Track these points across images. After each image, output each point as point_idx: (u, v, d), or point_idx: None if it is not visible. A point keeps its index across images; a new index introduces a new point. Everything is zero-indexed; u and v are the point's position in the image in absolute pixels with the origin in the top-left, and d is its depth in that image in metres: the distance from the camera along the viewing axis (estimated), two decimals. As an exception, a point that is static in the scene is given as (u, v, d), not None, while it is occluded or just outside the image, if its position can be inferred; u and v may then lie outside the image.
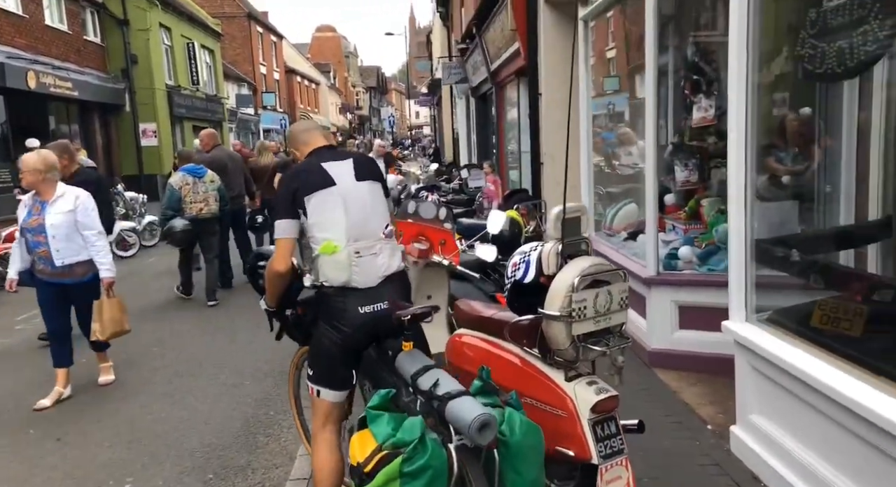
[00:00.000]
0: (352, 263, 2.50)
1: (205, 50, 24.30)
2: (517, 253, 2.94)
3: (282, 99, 39.05)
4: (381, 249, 2.58)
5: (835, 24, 2.29)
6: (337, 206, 2.50)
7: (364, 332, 2.53)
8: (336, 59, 61.93)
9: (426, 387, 2.19)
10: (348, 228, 2.50)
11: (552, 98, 7.38)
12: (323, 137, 2.73)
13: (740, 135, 3.09)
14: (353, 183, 2.57)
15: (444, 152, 21.63)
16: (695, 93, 4.89)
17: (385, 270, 2.58)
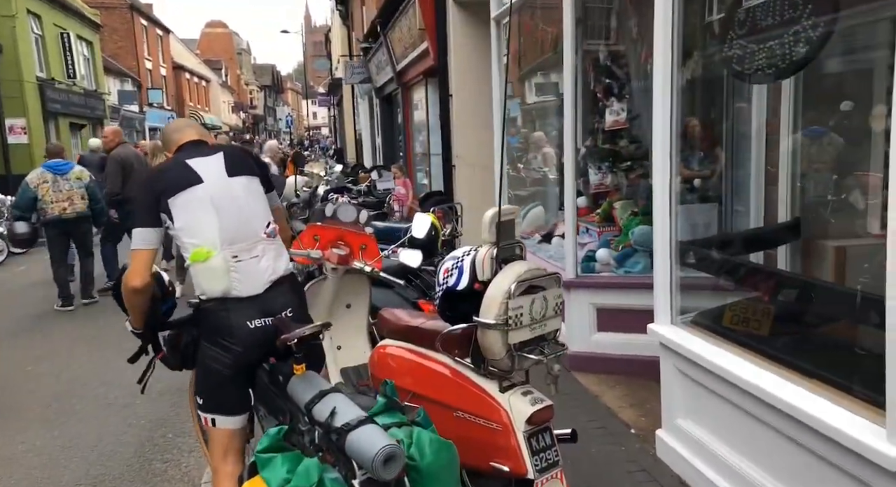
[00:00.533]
0: (230, 269, 2.22)
1: (82, 41, 22.50)
2: (449, 259, 2.77)
3: (170, 96, 37.03)
4: (264, 251, 2.31)
5: (765, 24, 2.30)
6: (206, 206, 2.21)
7: (256, 348, 2.23)
8: (228, 55, 59.58)
9: (323, 418, 1.95)
10: (221, 230, 2.22)
11: (463, 99, 7.30)
12: (196, 132, 2.46)
13: (665, 137, 3.08)
14: (224, 179, 2.28)
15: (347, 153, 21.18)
16: (607, 97, 4.93)
17: (271, 274, 2.30)
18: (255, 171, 2.42)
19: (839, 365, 2.45)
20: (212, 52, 56.54)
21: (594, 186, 5.06)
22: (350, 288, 3.40)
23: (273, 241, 2.36)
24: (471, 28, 7.07)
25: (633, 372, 4.18)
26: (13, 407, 4.31)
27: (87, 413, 4.16)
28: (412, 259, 3.32)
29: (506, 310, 2.41)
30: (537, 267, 2.58)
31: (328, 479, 1.79)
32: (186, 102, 40.51)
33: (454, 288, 2.65)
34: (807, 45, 2.09)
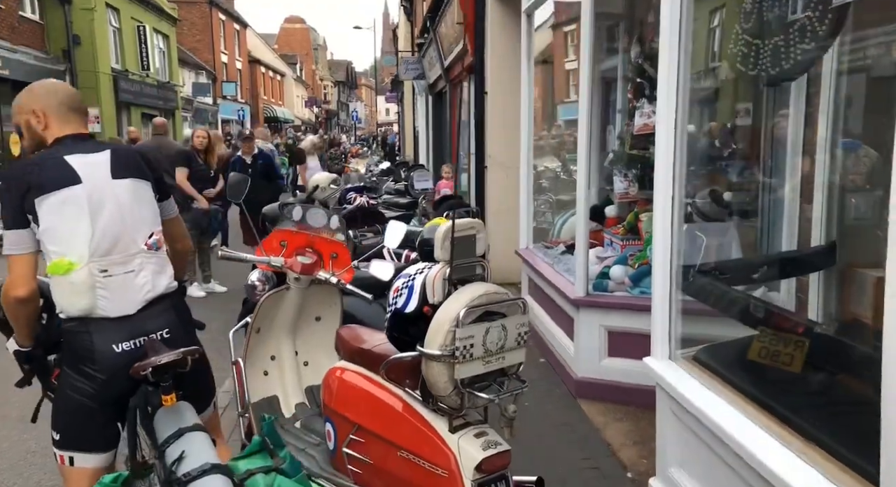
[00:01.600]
0: (95, 285, 1.95)
1: (158, 34, 23.31)
2: (401, 276, 2.48)
3: (244, 89, 38.02)
4: (142, 265, 2.05)
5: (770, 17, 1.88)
6: (79, 211, 1.94)
7: (124, 377, 1.92)
8: (304, 51, 60.83)
9: (169, 462, 1.72)
10: (93, 239, 1.95)
11: (498, 97, 6.95)
12: (81, 123, 2.12)
13: (668, 142, 2.67)
14: (108, 181, 2.01)
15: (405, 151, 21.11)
16: (638, 98, 4.50)
17: (148, 292, 2.05)
18: (147, 175, 2.14)
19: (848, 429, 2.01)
20: (289, 47, 57.87)
21: (619, 195, 4.65)
22: (319, 299, 3.15)
23: (155, 254, 2.10)
24: (509, 22, 6.70)
25: (644, 404, 3.73)
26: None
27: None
28: (383, 271, 3.04)
29: (453, 340, 2.11)
30: (498, 290, 2.26)
31: None
32: (260, 95, 41.55)
33: (402, 310, 2.36)
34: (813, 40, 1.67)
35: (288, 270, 2.98)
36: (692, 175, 4.07)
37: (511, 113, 6.93)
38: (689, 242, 3.34)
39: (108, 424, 2.00)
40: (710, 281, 2.63)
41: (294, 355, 3.15)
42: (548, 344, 4.73)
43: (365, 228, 5.96)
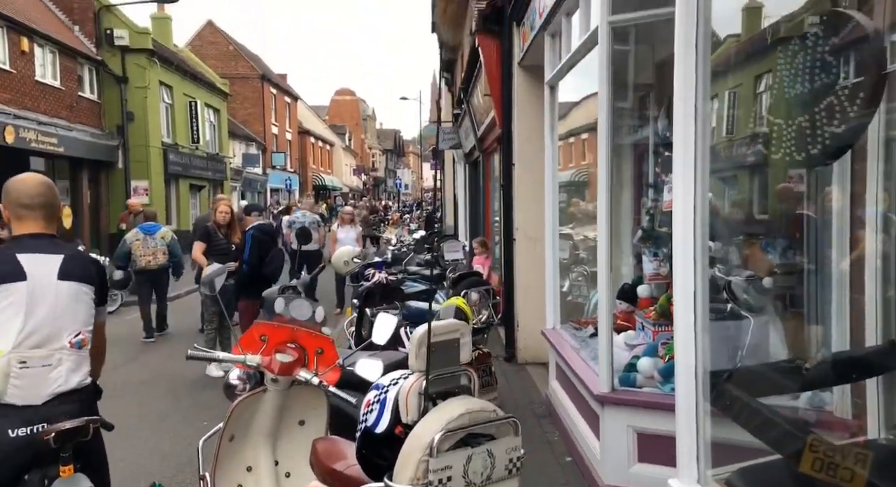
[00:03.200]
0: (10, 374, 2.12)
1: (209, 108, 24.31)
2: (375, 386, 2.16)
3: (293, 159, 39.18)
4: (61, 361, 2.23)
5: (793, 94, 1.57)
6: (17, 305, 2.15)
7: (16, 463, 2.08)
8: (354, 121, 62.77)
9: None
10: (22, 332, 2.15)
11: (526, 168, 6.72)
12: (42, 220, 2.32)
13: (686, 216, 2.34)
14: (52, 281, 2.23)
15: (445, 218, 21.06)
16: (666, 172, 4.17)
17: (59, 386, 2.21)
18: (93, 280, 2.35)
19: None
20: (339, 118, 59.84)
21: (649, 276, 4.26)
22: (303, 400, 2.84)
23: (76, 352, 2.27)
24: (535, 94, 6.54)
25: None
26: None
27: None
28: (371, 371, 2.71)
29: (426, 472, 1.77)
30: (485, 406, 1.92)
31: None
32: (309, 165, 42.72)
33: (372, 429, 2.03)
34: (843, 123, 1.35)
35: (265, 370, 2.70)
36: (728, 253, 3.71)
37: (537, 184, 6.68)
38: (721, 337, 2.93)
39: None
40: (744, 394, 2.21)
41: (273, 465, 2.82)
42: (574, 440, 4.27)
43: (384, 306, 5.69)
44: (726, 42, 3.12)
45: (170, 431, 5.22)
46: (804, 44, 1.62)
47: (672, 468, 3.36)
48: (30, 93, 14.42)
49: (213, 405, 5.72)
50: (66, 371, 2.22)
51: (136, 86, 18.15)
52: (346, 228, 10.21)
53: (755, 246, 3.73)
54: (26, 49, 14.28)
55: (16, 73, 13.94)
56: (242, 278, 6.20)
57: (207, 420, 5.41)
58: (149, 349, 8.10)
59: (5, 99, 13.47)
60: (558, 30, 5.00)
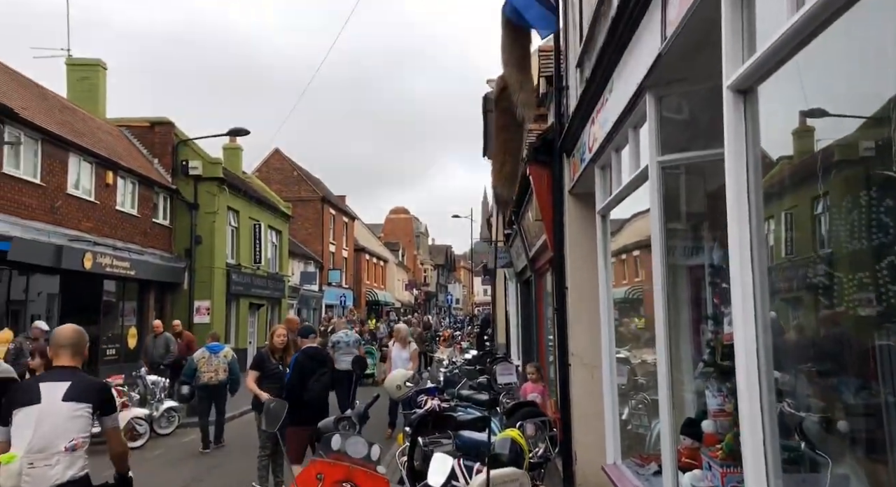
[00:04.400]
0: (23, 472, 3.01)
1: (272, 230, 25.46)
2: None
3: (348, 275, 40.09)
4: (58, 461, 3.10)
5: (850, 251, 1.58)
6: (29, 423, 3.10)
7: None
8: (407, 238, 64.42)
9: None
10: (31, 442, 3.07)
11: (579, 293, 6.70)
12: (68, 356, 3.35)
13: (750, 366, 2.27)
14: (57, 402, 3.15)
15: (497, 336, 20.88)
16: (725, 304, 4.10)
17: (57, 480, 3.07)
18: (93, 399, 3.26)
19: None
20: (393, 235, 61.58)
21: (714, 412, 4.06)
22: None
23: (69, 454, 3.12)
24: (586, 221, 6.66)
25: None
26: None
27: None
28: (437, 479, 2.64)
29: None
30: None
31: None
32: (363, 280, 43.58)
33: None
34: None
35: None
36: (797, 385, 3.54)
37: (592, 308, 6.63)
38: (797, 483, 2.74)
39: None
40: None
41: None
42: None
43: (436, 434, 5.57)
44: (779, 163, 3.16)
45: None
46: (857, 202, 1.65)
47: None
48: (109, 222, 15.50)
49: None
50: (62, 468, 3.09)
51: (205, 212, 19.28)
52: (398, 347, 10.10)
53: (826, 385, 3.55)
54: (110, 182, 15.53)
55: (99, 203, 15.09)
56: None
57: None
58: (204, 475, 8.04)
59: (87, 227, 14.50)
60: (608, 163, 5.17)
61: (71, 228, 13.86)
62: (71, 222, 13.96)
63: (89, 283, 14.63)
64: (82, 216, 14.45)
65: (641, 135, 4.32)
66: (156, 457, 9.14)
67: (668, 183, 3.98)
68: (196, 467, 8.47)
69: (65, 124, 14.79)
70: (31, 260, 12.23)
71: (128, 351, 16.21)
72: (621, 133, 4.65)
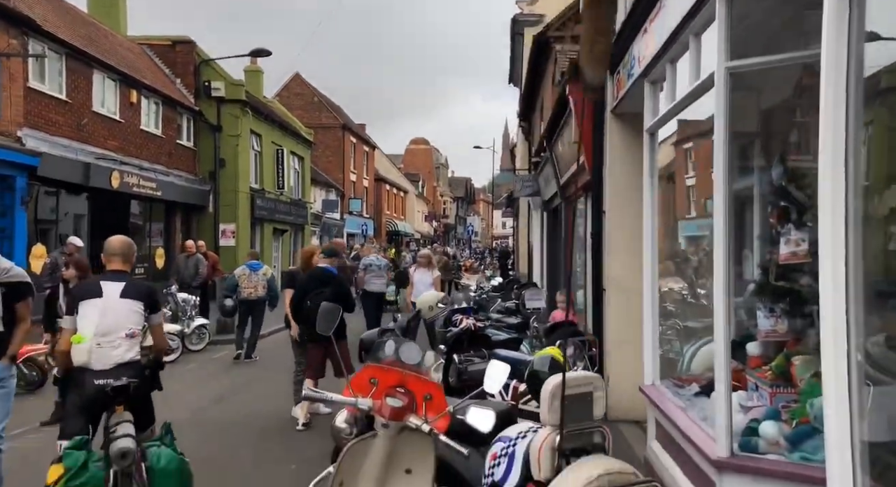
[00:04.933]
0: (91, 351, 3.70)
1: (294, 156, 25.30)
2: (500, 439, 2.05)
3: (369, 205, 40.09)
4: (120, 344, 3.76)
5: None
6: (95, 311, 3.76)
7: (95, 403, 3.68)
8: (427, 169, 63.98)
9: (111, 433, 3.40)
10: (97, 326, 3.73)
11: (618, 216, 6.56)
12: (119, 263, 4.00)
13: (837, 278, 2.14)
14: (116, 298, 3.83)
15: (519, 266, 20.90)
16: (782, 224, 3.95)
17: (119, 359, 3.74)
18: (143, 298, 3.95)
19: None
20: (413, 166, 61.14)
21: (764, 333, 3.98)
22: (410, 448, 2.74)
23: (128, 340, 3.79)
24: (629, 141, 6.43)
25: None
26: None
27: None
28: (483, 421, 2.60)
29: (565, 539, 1.63)
30: (623, 467, 1.78)
31: (92, 464, 3.22)
32: (384, 211, 43.61)
33: (501, 484, 1.92)
34: None
35: (376, 414, 2.63)
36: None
37: (631, 232, 6.49)
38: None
39: (83, 424, 3.69)
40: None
41: (380, 518, 2.72)
42: (682, 507, 3.98)
43: (471, 353, 5.58)
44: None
45: (261, 475, 5.20)
46: None
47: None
48: (134, 141, 15.41)
49: (302, 448, 5.71)
50: (122, 351, 3.75)
51: (228, 135, 19.12)
52: (422, 271, 10.10)
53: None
54: (134, 100, 15.35)
55: (124, 122, 14.96)
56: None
57: (296, 464, 5.39)
58: (238, 389, 8.24)
59: (113, 146, 14.44)
60: (661, 77, 4.91)
61: (97, 146, 13.80)
62: (97, 140, 13.89)
63: (116, 203, 14.70)
64: (108, 134, 14.36)
65: (704, 41, 4.05)
66: (189, 371, 9.36)
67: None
68: (231, 380, 8.68)
69: (88, 39, 14.49)
70: (59, 176, 12.22)
71: (155, 270, 16.45)
72: (679, 41, 4.38)
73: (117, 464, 3.14)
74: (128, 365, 3.72)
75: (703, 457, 3.45)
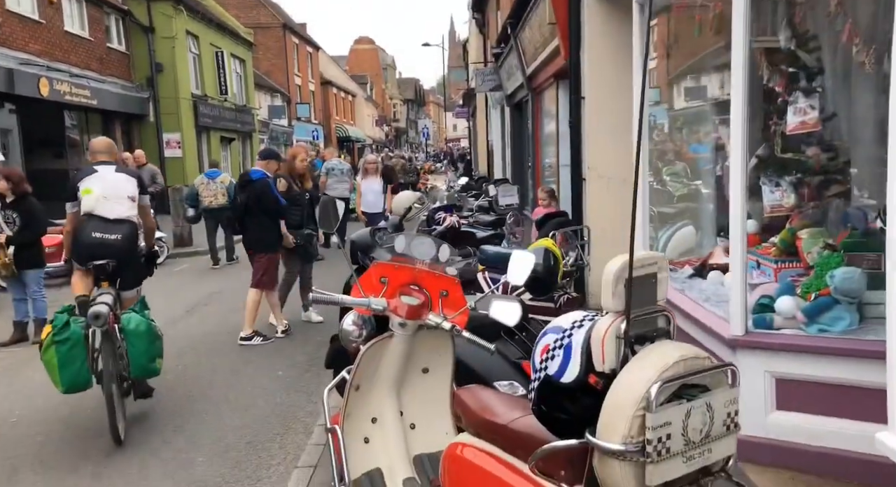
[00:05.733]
0: (99, 201, 4.16)
1: (235, 59, 23.78)
2: (551, 330, 1.84)
3: (317, 110, 38.62)
4: (123, 203, 4.23)
5: None
6: (97, 180, 4.24)
7: (93, 251, 4.12)
8: (374, 71, 61.60)
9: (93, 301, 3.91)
10: (104, 188, 4.20)
11: (597, 101, 6.27)
12: (107, 155, 4.46)
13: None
14: (112, 173, 4.32)
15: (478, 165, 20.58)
16: (790, 91, 3.73)
17: (122, 214, 4.20)
18: (135, 176, 4.48)
19: None
20: (359, 68, 58.73)
21: (770, 208, 3.86)
22: (427, 347, 2.55)
23: (129, 201, 4.28)
24: (608, 19, 6.03)
25: (828, 470, 2.98)
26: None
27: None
28: (508, 314, 2.41)
29: (641, 429, 1.47)
30: (697, 352, 1.61)
31: (74, 323, 3.82)
32: (332, 116, 42.12)
33: (557, 378, 1.72)
34: None
35: (391, 314, 2.41)
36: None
37: (613, 118, 6.23)
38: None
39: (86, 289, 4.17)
40: None
41: (399, 416, 2.56)
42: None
43: (456, 250, 5.39)
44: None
45: (246, 383, 5.04)
46: None
47: (814, 416, 3.09)
48: (60, 45, 14.07)
49: (287, 355, 5.54)
50: (125, 208, 4.23)
51: (162, 37, 17.70)
52: (370, 179, 9.31)
53: None
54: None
55: (45, 23, 13.56)
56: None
57: (282, 370, 5.24)
58: (209, 300, 7.94)
59: (37, 50, 13.14)
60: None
61: (19, 50, 12.52)
62: (17, 43, 12.58)
63: (48, 115, 13.59)
64: (29, 37, 13.01)
65: None
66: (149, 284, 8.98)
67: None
68: (198, 293, 8.37)
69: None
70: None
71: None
72: None
73: (93, 324, 3.73)
74: (125, 223, 4.19)
75: (715, 337, 3.38)
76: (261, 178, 5.86)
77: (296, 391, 4.80)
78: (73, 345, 3.74)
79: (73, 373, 3.75)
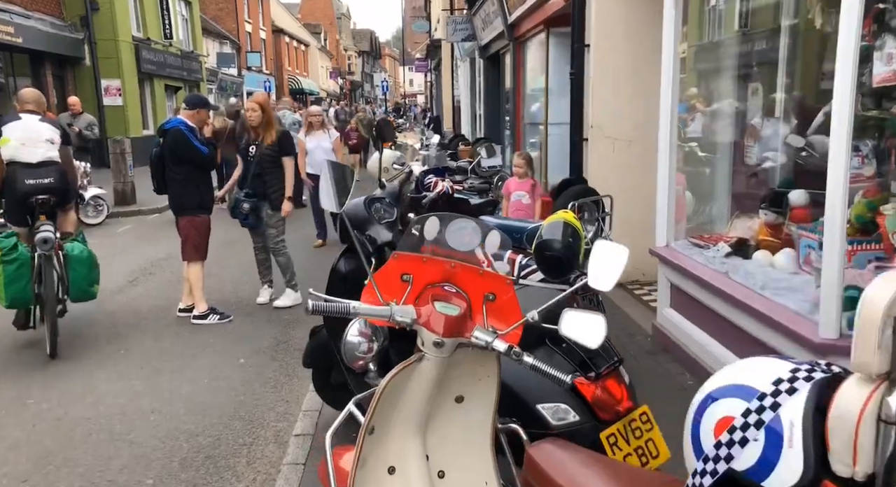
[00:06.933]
0: (20, 148, 4.45)
1: (180, 1, 21.97)
2: (728, 390, 1.15)
3: (268, 60, 36.69)
4: (41, 145, 4.51)
5: None
6: (17, 127, 4.51)
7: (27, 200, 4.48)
8: (328, 20, 59.15)
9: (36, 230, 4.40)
10: (22, 136, 4.47)
11: (605, 51, 5.54)
12: (34, 106, 4.71)
13: None
14: (35, 121, 4.58)
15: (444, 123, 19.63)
16: (877, 34, 3.08)
17: (42, 157, 4.49)
18: (58, 127, 4.79)
19: None
20: (312, 17, 56.27)
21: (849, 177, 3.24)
22: (462, 369, 1.82)
23: (49, 144, 4.56)
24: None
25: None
26: None
27: None
28: (589, 333, 1.70)
29: None
30: None
31: (21, 246, 4.32)
32: (285, 67, 40.17)
33: (756, 479, 1.03)
34: None
35: (420, 328, 1.68)
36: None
37: (622, 70, 5.53)
38: None
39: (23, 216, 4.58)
40: None
41: (424, 462, 1.84)
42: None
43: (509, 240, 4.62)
44: None
45: (202, 374, 4.24)
46: None
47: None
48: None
49: (248, 339, 4.76)
50: (43, 151, 4.49)
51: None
52: (316, 135, 7.63)
53: None
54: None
55: (-45, -54, 11.91)
56: None
57: (244, 357, 4.47)
58: (154, 268, 7.01)
59: (-53, -22, 11.55)
60: None
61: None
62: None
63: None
64: (-63, -37, 11.40)
65: None
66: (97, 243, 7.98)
67: None
68: (141, 259, 7.42)
69: None
70: None
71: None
72: None
73: (40, 248, 4.27)
74: (50, 165, 4.48)
75: (796, 341, 2.77)
76: (174, 126, 4.99)
77: (262, 385, 4.05)
78: (21, 265, 4.25)
79: (19, 290, 4.27)
